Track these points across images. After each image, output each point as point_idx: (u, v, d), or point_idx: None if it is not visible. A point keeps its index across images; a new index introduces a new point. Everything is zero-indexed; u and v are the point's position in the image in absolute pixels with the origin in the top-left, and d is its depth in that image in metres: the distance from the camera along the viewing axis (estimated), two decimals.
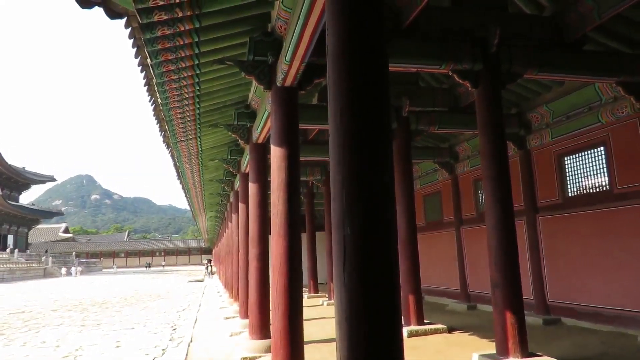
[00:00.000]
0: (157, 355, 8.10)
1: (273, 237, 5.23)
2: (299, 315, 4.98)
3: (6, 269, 43.36)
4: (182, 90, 6.08)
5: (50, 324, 12.79)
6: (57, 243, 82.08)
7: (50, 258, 56.72)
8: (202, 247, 79.91)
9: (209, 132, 8.67)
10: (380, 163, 2.62)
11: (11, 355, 8.55)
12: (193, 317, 12.54)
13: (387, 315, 2.45)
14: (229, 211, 16.04)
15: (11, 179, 60.96)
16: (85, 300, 20.61)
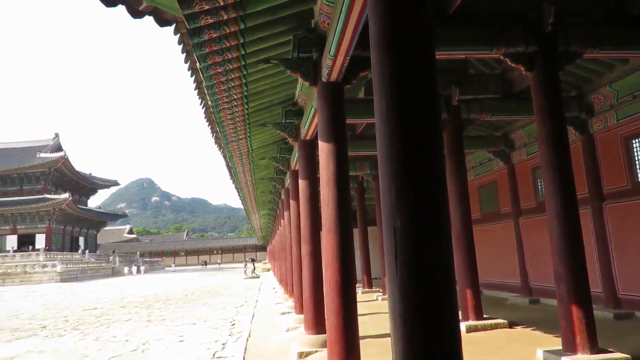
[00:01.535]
0: (218, 350, 8.38)
1: (324, 233, 5.25)
2: (353, 311, 4.97)
3: (79, 269, 46.54)
4: (230, 92, 6.22)
5: (119, 320, 13.57)
6: (122, 243, 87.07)
7: (118, 258, 60.23)
8: (257, 244, 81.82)
9: (258, 131, 8.82)
10: (429, 154, 2.54)
11: (86, 349, 9.16)
12: (250, 313, 12.87)
13: (443, 309, 2.39)
14: (281, 208, 16.29)
15: (80, 184, 65.20)
16: (149, 297, 21.69)
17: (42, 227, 56.18)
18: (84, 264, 49.71)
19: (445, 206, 2.52)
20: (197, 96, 6.54)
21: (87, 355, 8.50)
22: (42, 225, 56.17)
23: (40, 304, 20.47)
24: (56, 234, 58.01)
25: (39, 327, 12.95)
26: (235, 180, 14.65)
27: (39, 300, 22.62)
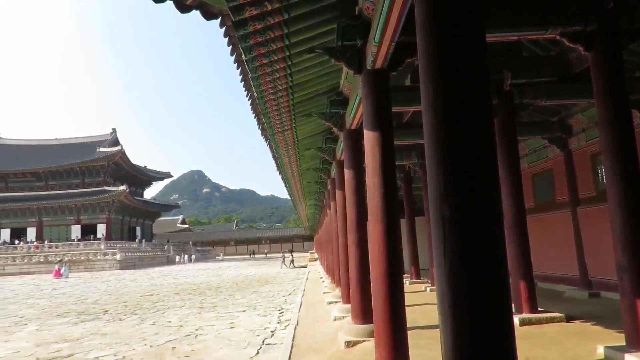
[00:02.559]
0: (267, 337, 8.57)
1: (370, 222, 5.21)
2: (400, 301, 4.91)
3: (136, 257, 48.99)
4: (275, 83, 6.26)
5: (174, 306, 14.18)
6: (176, 233, 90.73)
7: (172, 247, 62.85)
8: (304, 234, 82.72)
9: (304, 122, 8.86)
10: (479, 141, 2.45)
11: (144, 333, 9.64)
12: (298, 302, 13.06)
13: (495, 301, 2.30)
14: (327, 199, 16.35)
15: (136, 177, 68.33)
16: (202, 285, 22.50)
17: (102, 218, 59.49)
18: (141, 253, 52.30)
19: (496, 195, 2.42)
20: (244, 88, 6.64)
21: (145, 339, 8.94)
22: (102, 216, 59.48)
23: (102, 290, 21.75)
24: (115, 224, 61.26)
25: (101, 311, 13.77)
26: (281, 171, 14.83)
27: (101, 287, 24.04)
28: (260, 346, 7.79)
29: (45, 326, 11.23)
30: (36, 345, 8.84)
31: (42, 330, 10.59)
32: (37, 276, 38.72)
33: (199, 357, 7.23)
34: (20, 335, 10.12)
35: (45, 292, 22.29)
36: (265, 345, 7.84)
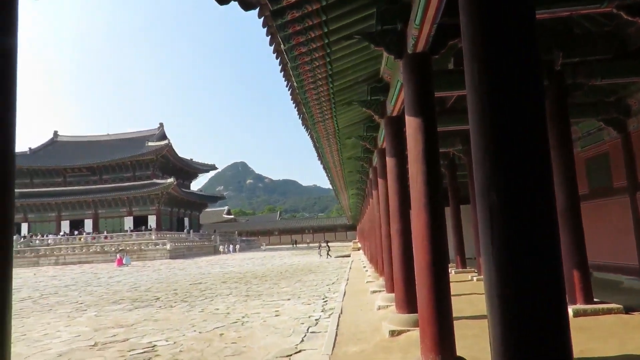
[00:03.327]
0: (311, 325, 8.66)
1: (413, 211, 5.11)
2: (446, 290, 4.80)
3: (185, 247, 50.80)
4: (315, 71, 6.23)
5: (221, 294, 14.60)
6: (222, 224, 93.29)
7: (218, 237, 64.66)
8: (347, 224, 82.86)
9: (344, 110, 8.79)
10: (529, 125, 2.32)
11: (193, 319, 9.98)
12: (342, 291, 13.10)
13: (547, 291, 2.19)
14: (369, 188, 16.23)
15: (183, 169, 70.57)
16: (247, 274, 23.03)
17: (152, 209, 61.99)
18: (189, 243, 54.18)
19: (548, 180, 2.29)
20: (283, 78, 6.65)
21: (194, 325, 9.26)
22: (152, 208, 61.97)
23: (154, 278, 22.71)
24: (165, 215, 63.68)
25: (153, 298, 14.38)
26: (323, 160, 14.84)
27: (153, 275, 25.10)
28: (304, 334, 7.88)
29: (102, 312, 11.86)
30: (94, 330, 9.35)
31: (99, 316, 11.19)
32: (94, 265, 40.95)
33: (245, 343, 7.40)
34: (80, 320, 10.74)
35: (102, 280, 23.54)
36: (309, 333, 7.92)
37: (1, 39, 2.36)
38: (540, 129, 2.32)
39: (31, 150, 70.17)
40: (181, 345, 7.50)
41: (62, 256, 46.35)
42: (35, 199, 61.31)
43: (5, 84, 2.34)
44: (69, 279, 25.46)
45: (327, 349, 6.33)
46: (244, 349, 7.02)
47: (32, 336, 8.98)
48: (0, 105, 2.31)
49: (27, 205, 61.55)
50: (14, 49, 2.41)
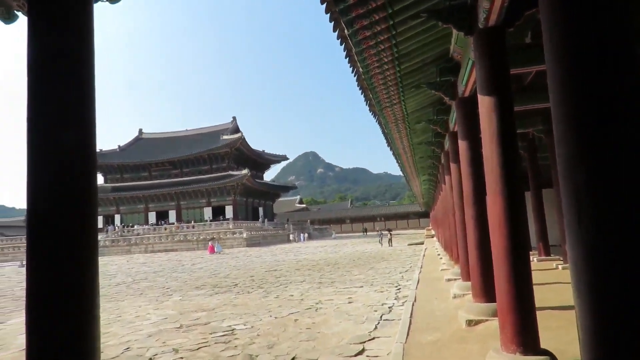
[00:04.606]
0: (385, 312, 8.60)
1: (489, 195, 4.84)
2: (527, 279, 4.51)
3: (260, 235, 52.66)
4: (380, 55, 6.08)
5: (295, 281, 14.95)
6: (294, 213, 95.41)
7: (291, 226, 66.27)
8: (419, 211, 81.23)
9: (412, 94, 8.53)
10: (620, 95, 2.07)
11: (269, 305, 10.32)
12: (415, 278, 12.87)
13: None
14: (441, 173, 15.72)
15: (256, 161, 72.93)
16: (320, 261, 23.38)
17: (229, 200, 64.83)
18: (264, 231, 56.07)
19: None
20: (349, 64, 6.56)
21: (270, 311, 9.57)
22: (229, 198, 64.81)
23: (232, 265, 23.79)
24: (240, 205, 66.35)
25: (232, 284, 15.07)
26: (392, 147, 14.58)
27: (231, 262, 26.31)
28: (378, 321, 7.84)
29: (186, 297, 12.64)
30: (180, 313, 9.98)
31: (184, 300, 11.93)
32: (179, 253, 43.74)
33: (319, 329, 7.52)
34: (167, 304, 11.53)
35: (185, 267, 25.09)
36: (383, 321, 7.87)
37: (77, 44, 2.52)
38: (634, 98, 2.07)
39: (120, 147, 76.09)
40: (258, 330, 7.79)
41: (151, 245, 50.00)
42: (125, 192, 66.57)
43: (84, 87, 2.50)
44: (157, 265, 27.43)
45: (401, 337, 6.24)
46: (318, 335, 7.13)
47: (126, 318, 9.78)
48: (81, 107, 2.48)
49: (119, 199, 66.98)
50: (91, 54, 2.57)
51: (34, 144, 2.35)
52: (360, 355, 5.88)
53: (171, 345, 7.06)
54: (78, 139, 2.41)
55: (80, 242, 2.34)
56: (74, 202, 2.34)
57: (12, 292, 17.30)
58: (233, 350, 6.54)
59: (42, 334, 2.22)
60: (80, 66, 2.46)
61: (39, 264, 2.28)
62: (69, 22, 2.47)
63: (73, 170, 2.36)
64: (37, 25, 2.45)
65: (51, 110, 2.37)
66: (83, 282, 2.32)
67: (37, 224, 2.29)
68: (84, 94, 2.47)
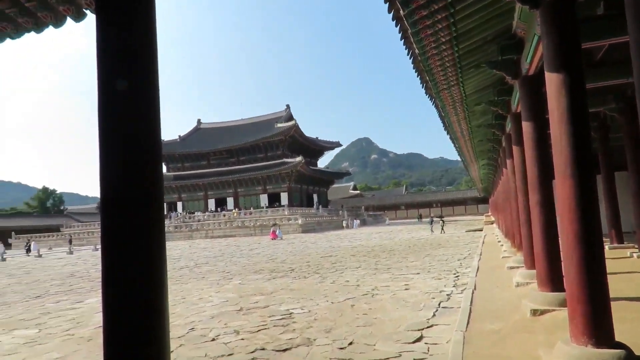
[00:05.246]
0: (443, 300, 8.43)
1: (557, 179, 4.56)
2: (600, 268, 4.23)
3: (315, 221, 53.27)
4: (437, 35, 5.86)
5: (350, 267, 15.01)
6: (348, 199, 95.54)
7: (345, 212, 66.45)
8: (477, 196, 78.67)
9: (471, 74, 8.18)
10: None
11: (325, 290, 10.44)
12: (475, 266, 12.51)
13: None
14: (502, 157, 15.06)
15: (309, 148, 73.54)
16: (375, 247, 23.30)
17: (284, 187, 65.98)
18: (318, 218, 56.67)
19: None
20: (404, 46, 6.38)
21: (326, 296, 9.67)
22: (284, 185, 65.96)
23: (288, 251, 24.27)
24: (295, 192, 67.36)
25: (289, 269, 15.37)
26: (449, 130, 14.13)
27: (287, 248, 26.83)
28: (436, 309, 7.71)
29: (245, 281, 13.06)
30: (239, 296, 10.33)
31: (243, 284, 12.34)
32: (237, 238, 45.23)
33: (376, 315, 7.50)
34: (228, 287, 11.97)
35: (244, 252, 25.91)
36: (441, 308, 7.73)
37: (142, 39, 2.61)
38: None
39: (180, 137, 79.34)
40: (315, 314, 7.90)
41: (211, 230, 52.05)
42: (186, 180, 69.52)
43: (149, 80, 2.59)
44: (217, 250, 28.53)
45: (461, 325, 6.10)
46: (374, 321, 7.13)
47: (190, 300, 10.27)
48: (147, 99, 2.57)
49: (181, 187, 70.08)
50: (155, 47, 2.66)
51: (106, 136, 2.47)
52: (418, 342, 5.81)
53: (232, 327, 7.33)
54: (145, 130, 2.51)
55: (149, 227, 2.45)
56: (142, 190, 2.45)
57: (87, 274, 18.68)
58: (291, 333, 6.68)
59: (117, 312, 2.36)
60: (145, 60, 2.55)
61: (112, 248, 2.41)
62: (134, 17, 2.56)
63: (141, 160, 2.47)
64: (104, 21, 2.55)
65: (120, 103, 2.48)
66: (152, 265, 2.43)
67: (109, 211, 2.43)
68: (149, 87, 2.56)
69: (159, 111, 2.62)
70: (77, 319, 8.79)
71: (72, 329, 7.92)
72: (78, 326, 8.15)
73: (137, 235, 2.39)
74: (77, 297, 11.99)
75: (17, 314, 9.86)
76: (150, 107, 2.55)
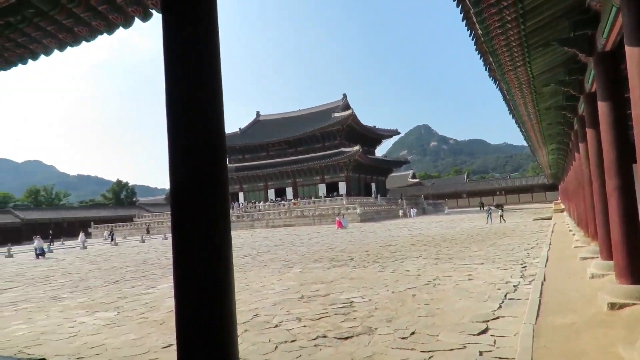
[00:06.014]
0: (509, 291, 8.10)
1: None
2: None
3: (373, 211, 52.96)
4: (502, 13, 5.54)
5: (410, 256, 14.79)
6: (407, 188, 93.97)
7: (404, 201, 65.47)
8: (545, 183, 74.53)
9: (539, 54, 7.69)
10: None
11: (385, 279, 10.36)
12: (543, 256, 11.90)
13: None
14: (574, 140, 14.13)
15: (367, 136, 72.95)
16: (436, 237, 22.79)
17: (342, 176, 66.06)
18: (377, 207, 56.27)
19: None
20: (466, 27, 6.11)
21: (387, 285, 9.61)
22: (342, 174, 66.04)
23: (347, 240, 24.34)
24: (353, 181, 67.24)
25: (348, 258, 15.42)
26: (515, 114, 13.43)
27: (346, 237, 26.91)
28: (502, 300, 7.42)
29: (305, 269, 13.27)
30: (300, 284, 10.52)
31: (303, 272, 12.54)
32: (296, 227, 45.98)
33: (438, 306, 7.36)
34: (289, 275, 12.23)
35: (303, 240, 26.32)
36: (507, 300, 7.43)
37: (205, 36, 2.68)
38: None
39: (240, 130, 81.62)
40: (376, 303, 7.88)
41: (271, 220, 53.30)
42: (247, 171, 71.53)
43: (213, 75, 2.66)
44: (277, 239, 29.19)
45: (530, 318, 5.83)
46: (437, 311, 6.99)
47: (253, 287, 10.60)
48: (211, 94, 2.65)
49: (242, 178, 72.24)
50: (217, 44, 2.72)
51: (174, 132, 2.58)
52: (484, 334, 5.63)
53: (294, 314, 7.48)
54: (210, 124, 2.60)
55: (216, 216, 2.54)
56: (209, 181, 2.54)
57: (159, 261, 19.82)
58: (352, 322, 6.71)
59: (188, 296, 2.48)
60: (209, 57, 2.63)
61: (182, 237, 2.53)
62: (198, 16, 2.64)
63: (207, 154, 2.56)
64: (169, 20, 2.65)
65: (186, 99, 2.57)
66: (219, 252, 2.52)
67: (179, 202, 2.54)
68: (213, 82, 2.63)
69: (222, 105, 2.69)
70: (150, 304, 9.36)
71: (146, 313, 8.45)
72: (151, 310, 8.68)
73: (204, 225, 2.49)
74: (150, 282, 12.77)
75: (98, 297, 10.68)
76: (215, 101, 2.63)
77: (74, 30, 4.85)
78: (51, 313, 9.12)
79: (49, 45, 5.18)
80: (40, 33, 4.93)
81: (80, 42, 5.08)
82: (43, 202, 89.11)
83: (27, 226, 63.58)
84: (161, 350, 5.94)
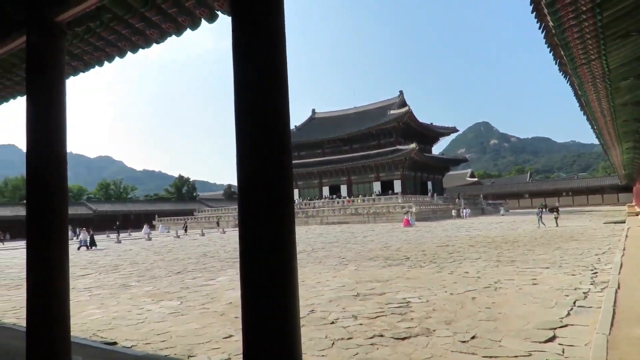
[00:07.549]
0: (579, 298, 7.65)
1: None
2: None
3: (430, 210, 51.83)
4: (577, 4, 5.22)
5: (469, 258, 14.33)
6: (465, 187, 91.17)
7: (462, 200, 63.51)
8: (618, 184, 69.59)
9: (616, 46, 7.16)
10: None
11: (443, 280, 10.10)
12: (617, 262, 11.12)
13: None
14: None
15: (423, 134, 71.45)
16: (496, 238, 21.91)
17: (397, 174, 65.18)
18: (433, 206, 54.99)
19: None
20: (535, 19, 5.81)
21: (445, 286, 9.37)
22: (397, 173, 65.16)
23: (402, 239, 23.99)
24: (408, 179, 66.16)
25: (404, 257, 15.20)
26: (587, 110, 12.62)
27: (401, 236, 26.54)
28: (571, 307, 7.01)
29: (360, 267, 13.23)
30: (355, 282, 10.50)
31: (358, 270, 12.51)
32: (351, 225, 45.93)
33: (500, 310, 7.08)
34: (344, 273, 12.24)
35: (358, 238, 26.23)
36: (577, 307, 7.01)
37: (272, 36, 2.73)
38: None
39: (296, 127, 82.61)
40: (434, 304, 7.71)
41: (325, 217, 53.61)
42: (302, 169, 72.34)
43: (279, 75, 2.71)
44: (332, 236, 29.31)
45: (604, 327, 5.47)
46: (499, 316, 6.73)
47: (309, 283, 10.71)
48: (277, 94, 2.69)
49: (298, 175, 73.16)
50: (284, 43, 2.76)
51: (241, 129, 2.65)
52: (550, 342, 5.35)
53: (350, 311, 7.48)
54: (275, 123, 2.64)
55: (279, 213, 2.58)
56: (273, 177, 2.59)
57: (217, 254, 20.53)
58: (409, 322, 6.61)
59: (253, 287, 2.54)
60: (276, 55, 2.68)
61: (248, 230, 2.60)
62: (266, 18, 2.69)
63: (272, 150, 2.61)
64: (239, 21, 2.73)
65: (254, 99, 2.64)
66: (282, 246, 2.57)
67: (246, 198, 2.61)
68: (279, 81, 2.68)
69: (287, 105, 2.73)
70: (211, 295, 9.72)
71: (207, 304, 8.78)
72: (212, 301, 9.01)
73: (270, 219, 2.54)
74: (210, 274, 13.26)
75: (163, 287, 11.24)
76: (280, 100, 2.67)
77: (145, 33, 5.10)
78: (121, 300, 9.72)
79: (123, 48, 5.49)
80: (116, 36, 5.24)
81: (151, 44, 5.34)
82: (112, 195, 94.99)
83: (98, 217, 68.28)
84: (222, 341, 6.15)
